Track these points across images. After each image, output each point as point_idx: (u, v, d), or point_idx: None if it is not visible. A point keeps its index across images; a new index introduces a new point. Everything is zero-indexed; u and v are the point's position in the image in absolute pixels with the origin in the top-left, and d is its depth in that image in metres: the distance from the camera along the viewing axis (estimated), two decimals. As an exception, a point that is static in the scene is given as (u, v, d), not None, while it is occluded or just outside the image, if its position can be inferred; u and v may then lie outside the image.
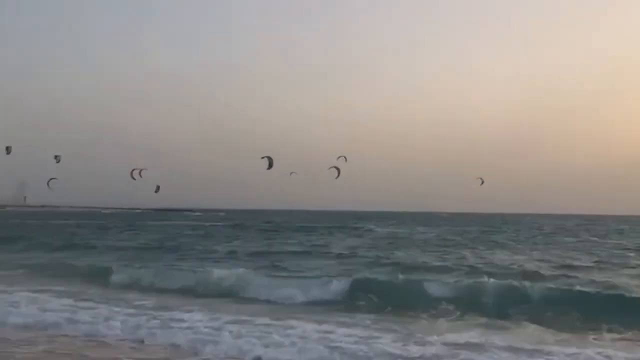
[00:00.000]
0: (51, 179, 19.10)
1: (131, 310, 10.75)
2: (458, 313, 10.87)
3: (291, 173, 21.11)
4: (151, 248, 25.41)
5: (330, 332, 9.04)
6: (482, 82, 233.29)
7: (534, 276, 15.05)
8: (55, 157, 19.59)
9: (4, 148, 19.01)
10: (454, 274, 15.65)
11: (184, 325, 9.44)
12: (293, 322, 9.69)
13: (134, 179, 18.90)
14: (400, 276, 14.13)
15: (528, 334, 9.35)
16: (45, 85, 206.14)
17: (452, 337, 8.84)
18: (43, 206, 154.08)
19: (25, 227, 44.66)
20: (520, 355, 7.82)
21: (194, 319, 9.93)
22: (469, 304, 11.40)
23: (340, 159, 18.03)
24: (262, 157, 17.35)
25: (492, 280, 13.25)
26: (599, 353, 7.87)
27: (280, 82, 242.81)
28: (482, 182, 20.82)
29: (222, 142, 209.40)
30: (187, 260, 20.04)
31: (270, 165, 17.26)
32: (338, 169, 17.64)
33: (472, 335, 8.99)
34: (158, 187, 21.42)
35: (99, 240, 30.05)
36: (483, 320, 10.31)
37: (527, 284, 12.86)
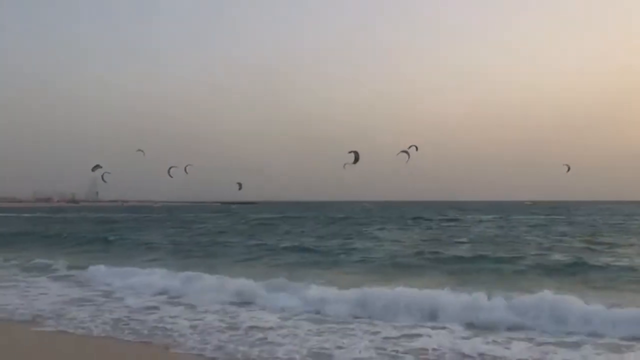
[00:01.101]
0: (104, 173, 19.74)
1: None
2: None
3: (344, 165, 20.85)
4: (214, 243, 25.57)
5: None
6: (555, 71, 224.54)
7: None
8: (140, 150, 20.07)
9: (94, 165, 19.67)
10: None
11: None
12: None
13: (171, 176, 19.26)
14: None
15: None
16: (114, 84, 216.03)
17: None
18: (114, 201, 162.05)
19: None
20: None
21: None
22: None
23: (411, 148, 17.52)
24: (349, 152, 17.22)
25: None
26: None
27: (341, 74, 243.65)
28: (569, 169, 19.65)
29: (282, 135, 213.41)
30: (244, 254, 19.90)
31: (357, 160, 17.06)
32: (408, 153, 17.11)
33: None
34: (240, 185, 22.05)
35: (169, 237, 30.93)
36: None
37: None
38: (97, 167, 19.98)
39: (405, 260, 16.68)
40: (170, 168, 19.76)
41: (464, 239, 24.88)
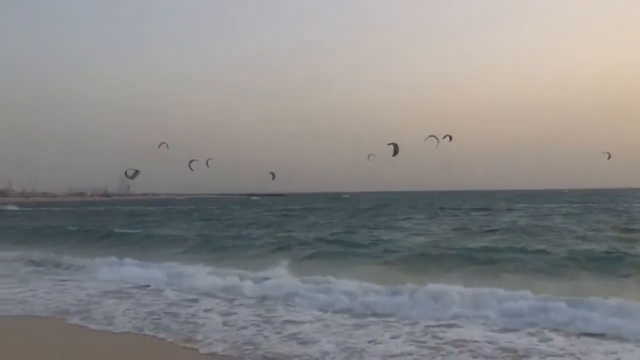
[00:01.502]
0: (129, 169, 20.01)
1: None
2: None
3: (369, 155, 20.75)
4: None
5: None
6: (594, 57, 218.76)
7: None
8: (163, 144, 20.23)
9: (132, 172, 19.92)
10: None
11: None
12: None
13: (192, 169, 19.38)
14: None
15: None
16: (136, 84, 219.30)
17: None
18: (144, 194, 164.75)
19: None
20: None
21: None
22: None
23: (445, 137, 17.16)
24: (389, 144, 17.04)
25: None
26: None
27: (362, 67, 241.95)
28: (609, 157, 18.95)
29: (303, 129, 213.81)
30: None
31: (396, 152, 16.88)
32: (437, 138, 16.79)
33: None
34: (273, 175, 22.29)
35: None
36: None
37: None
38: (136, 173, 20.31)
39: (435, 252, 16.44)
40: (191, 161, 19.91)
41: (494, 228, 24.43)
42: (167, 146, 19.69)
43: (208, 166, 20.37)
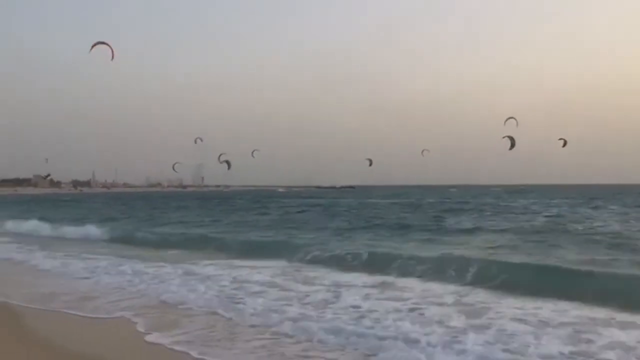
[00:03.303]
0: (175, 163, 20.94)
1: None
2: None
3: (423, 151, 20.35)
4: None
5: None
6: None
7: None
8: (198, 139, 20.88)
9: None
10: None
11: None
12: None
13: (220, 163, 19.75)
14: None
15: None
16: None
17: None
18: (217, 186, 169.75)
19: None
20: None
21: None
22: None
23: (509, 121, 16.32)
24: (503, 137, 16.67)
25: None
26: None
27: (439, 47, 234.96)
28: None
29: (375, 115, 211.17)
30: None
31: (513, 145, 16.49)
32: (516, 120, 16.12)
33: None
34: (370, 161, 22.92)
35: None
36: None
37: None
38: (229, 163, 21.42)
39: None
40: (220, 155, 20.55)
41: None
42: (201, 140, 20.56)
43: (253, 157, 21.09)
